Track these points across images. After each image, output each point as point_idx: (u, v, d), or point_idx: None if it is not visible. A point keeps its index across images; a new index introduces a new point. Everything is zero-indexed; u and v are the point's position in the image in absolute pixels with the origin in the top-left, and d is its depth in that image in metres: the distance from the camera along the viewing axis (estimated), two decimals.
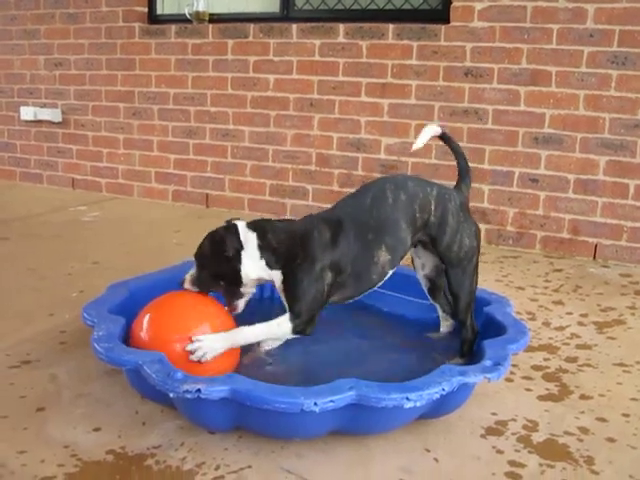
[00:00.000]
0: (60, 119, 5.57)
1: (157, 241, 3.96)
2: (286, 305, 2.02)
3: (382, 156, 4.36)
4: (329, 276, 1.99)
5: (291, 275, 2.00)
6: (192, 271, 2.09)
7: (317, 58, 4.45)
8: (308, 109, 4.54)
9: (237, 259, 2.02)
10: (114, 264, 3.36)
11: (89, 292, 2.64)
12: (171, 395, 1.62)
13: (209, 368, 1.86)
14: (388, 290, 2.71)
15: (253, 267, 2.03)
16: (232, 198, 4.93)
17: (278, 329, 1.98)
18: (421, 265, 2.33)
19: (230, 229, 2.05)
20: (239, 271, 2.03)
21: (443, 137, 2.35)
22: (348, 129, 4.44)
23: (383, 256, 2.06)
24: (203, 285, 2.07)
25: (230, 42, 4.72)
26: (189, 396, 1.59)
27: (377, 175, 4.29)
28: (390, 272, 2.12)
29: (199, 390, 1.58)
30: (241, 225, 2.06)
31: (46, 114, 5.57)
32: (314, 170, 4.60)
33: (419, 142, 2.29)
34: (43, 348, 2.33)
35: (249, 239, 2.03)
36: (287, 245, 2.02)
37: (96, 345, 1.82)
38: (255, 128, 4.76)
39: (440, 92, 4.12)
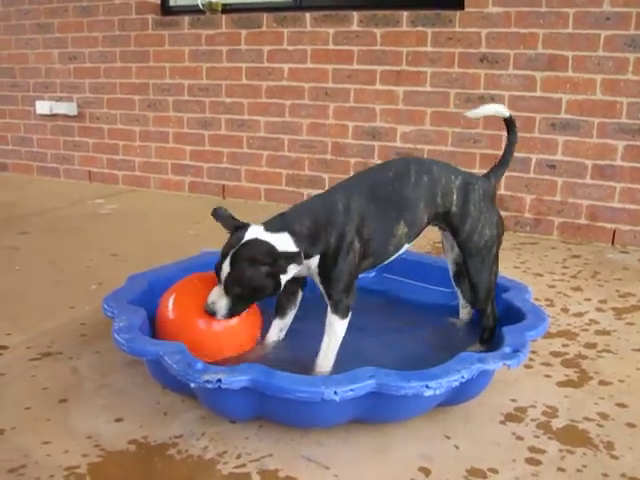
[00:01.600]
0: (76, 112, 5.60)
1: (174, 233, 3.97)
2: (322, 288, 1.98)
3: (398, 144, 4.35)
4: (357, 246, 1.96)
5: (325, 258, 1.93)
6: (215, 298, 1.93)
7: (331, 47, 4.43)
8: (323, 98, 4.54)
9: (286, 273, 1.90)
10: (132, 256, 3.38)
11: (108, 284, 2.66)
12: (192, 385, 1.64)
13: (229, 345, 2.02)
14: (403, 277, 2.74)
15: (292, 271, 1.90)
16: (248, 188, 4.94)
17: (336, 329, 1.94)
18: (450, 247, 2.31)
19: (263, 246, 1.87)
20: (280, 283, 1.91)
21: (509, 121, 2.30)
22: (363, 117, 4.43)
23: (401, 230, 2.06)
24: (236, 309, 1.94)
25: (244, 32, 4.71)
26: (210, 386, 1.60)
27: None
28: (406, 245, 2.13)
29: (220, 380, 1.59)
30: (264, 236, 1.89)
31: (62, 108, 5.59)
32: (330, 159, 4.60)
33: (478, 112, 2.31)
34: (64, 340, 2.36)
35: (283, 243, 1.89)
36: (315, 230, 1.92)
37: (117, 336, 1.84)
38: (270, 118, 4.76)
39: (455, 79, 4.10)
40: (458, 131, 4.15)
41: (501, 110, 2.29)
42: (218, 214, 2.03)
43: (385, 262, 2.15)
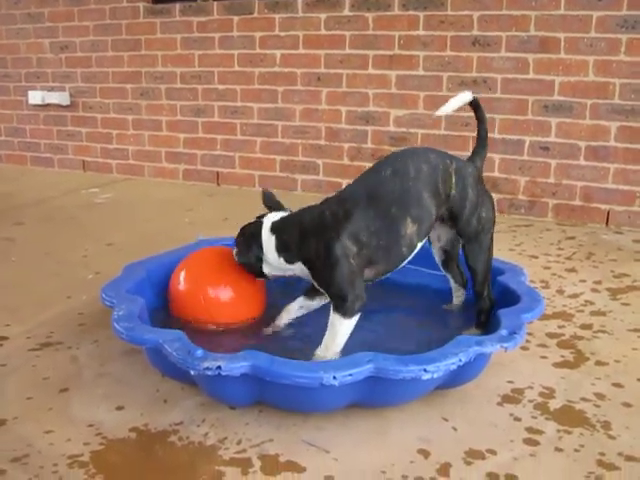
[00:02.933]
0: (68, 102, 5.58)
1: (170, 220, 3.98)
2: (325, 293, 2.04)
3: (391, 128, 4.35)
4: (351, 250, 1.93)
5: (315, 265, 1.98)
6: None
7: (323, 32, 4.42)
8: (316, 83, 4.53)
9: (259, 260, 2.11)
10: (128, 245, 3.38)
11: (105, 274, 2.67)
12: (192, 372, 1.65)
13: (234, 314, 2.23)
14: None
15: (273, 267, 2.11)
16: (243, 175, 4.94)
17: (337, 329, 1.93)
18: (437, 237, 2.30)
19: (253, 236, 2.11)
20: (261, 269, 2.14)
21: (473, 104, 2.30)
22: (356, 102, 4.43)
23: (410, 228, 1.98)
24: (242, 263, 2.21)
25: (235, 19, 4.70)
26: (210, 373, 1.61)
27: (387, 147, 4.30)
28: (419, 244, 2.06)
29: (219, 367, 1.60)
30: (266, 227, 2.09)
31: (54, 98, 5.58)
32: (324, 144, 4.60)
33: (447, 108, 2.26)
34: (63, 330, 2.36)
35: (269, 242, 2.07)
36: (302, 237, 2.00)
37: (116, 325, 1.85)
38: (263, 104, 4.76)
39: (448, 62, 4.10)
40: (451, 115, 4.14)
41: (465, 97, 2.27)
42: (266, 196, 2.28)
43: (401, 264, 2.08)
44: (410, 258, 2.07)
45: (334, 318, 1.93)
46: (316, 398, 1.70)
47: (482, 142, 2.29)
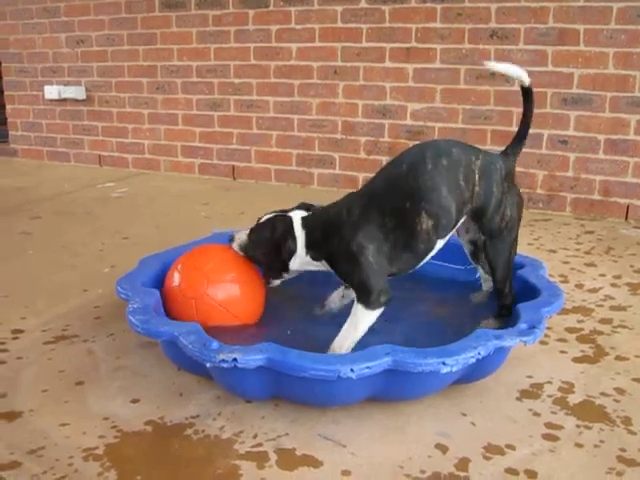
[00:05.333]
0: (84, 97, 5.59)
1: (185, 214, 3.97)
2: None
3: (408, 122, 4.32)
4: (371, 248, 1.92)
5: (336, 262, 2.02)
6: (244, 236, 2.16)
7: (339, 25, 4.40)
8: (332, 77, 4.51)
9: (290, 256, 2.06)
10: (144, 239, 3.38)
11: (120, 267, 2.67)
12: (207, 365, 1.63)
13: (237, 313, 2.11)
14: None
15: (300, 262, 2.08)
16: (259, 169, 4.93)
17: (359, 318, 1.92)
18: (465, 230, 2.26)
19: (287, 230, 2.05)
20: (287, 265, 2.08)
21: (527, 90, 2.21)
22: (373, 96, 4.41)
23: (425, 223, 1.94)
24: (249, 257, 2.17)
25: (251, 12, 4.68)
26: (225, 365, 1.60)
27: (404, 141, 4.28)
28: (440, 241, 2.02)
29: (235, 359, 1.59)
30: (297, 222, 2.07)
31: (70, 92, 5.58)
32: (340, 138, 4.58)
33: (499, 66, 2.20)
34: (78, 323, 2.36)
35: (300, 239, 2.05)
36: (326, 233, 2.01)
37: (131, 318, 1.84)
38: (279, 98, 4.74)
39: (466, 55, 4.07)
40: (469, 108, 4.12)
41: (523, 76, 2.17)
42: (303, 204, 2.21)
43: (421, 263, 2.06)
44: (433, 254, 2.05)
45: (357, 308, 1.93)
46: (333, 391, 1.68)
47: (520, 137, 2.20)
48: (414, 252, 1.99)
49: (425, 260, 2.05)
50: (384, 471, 1.52)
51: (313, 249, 2.04)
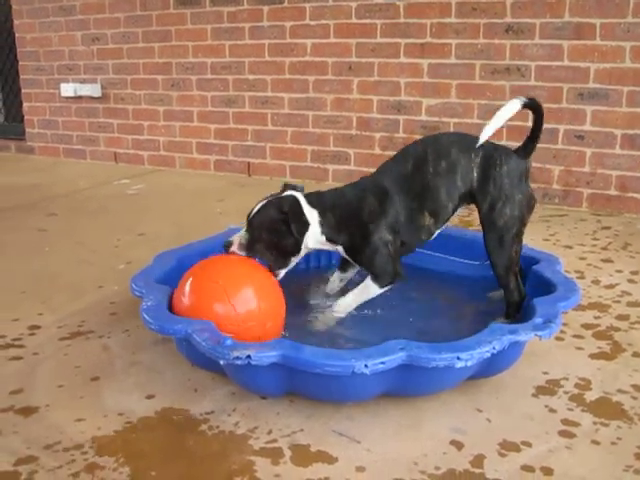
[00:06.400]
0: (100, 94, 5.61)
1: (201, 211, 3.98)
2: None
3: (423, 117, 4.30)
4: (389, 237, 2.11)
5: (354, 247, 2.13)
6: (241, 235, 2.09)
7: (354, 20, 4.39)
8: (347, 73, 4.50)
9: (302, 235, 2.07)
10: (159, 235, 3.39)
11: (136, 263, 2.67)
12: (221, 362, 1.63)
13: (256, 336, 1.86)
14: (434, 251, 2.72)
15: (313, 242, 2.12)
16: (274, 165, 4.93)
17: (370, 292, 2.14)
18: None
19: (294, 208, 2.06)
20: (299, 246, 2.09)
21: (527, 106, 2.16)
22: (388, 91, 4.39)
23: (427, 220, 2.15)
24: (254, 252, 2.08)
25: (265, 8, 4.68)
26: (239, 362, 1.60)
27: (419, 137, 4.19)
28: (437, 232, 2.22)
29: (249, 356, 1.59)
30: (303, 202, 2.10)
31: (86, 90, 5.61)
32: (355, 134, 4.57)
33: (490, 129, 2.13)
34: (94, 319, 2.37)
35: (312, 217, 2.09)
36: (344, 219, 2.11)
37: (145, 315, 1.84)
38: (294, 94, 4.73)
39: (481, 50, 4.04)
40: (484, 103, 4.09)
41: (513, 107, 2.14)
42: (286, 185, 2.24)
43: (421, 247, 2.29)
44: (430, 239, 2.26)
45: (369, 284, 2.13)
46: (347, 387, 1.68)
47: (533, 137, 2.20)
48: (417, 240, 2.21)
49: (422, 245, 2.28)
50: (399, 467, 1.52)
51: (330, 230, 2.11)
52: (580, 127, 3.88)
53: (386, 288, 2.14)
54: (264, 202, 2.11)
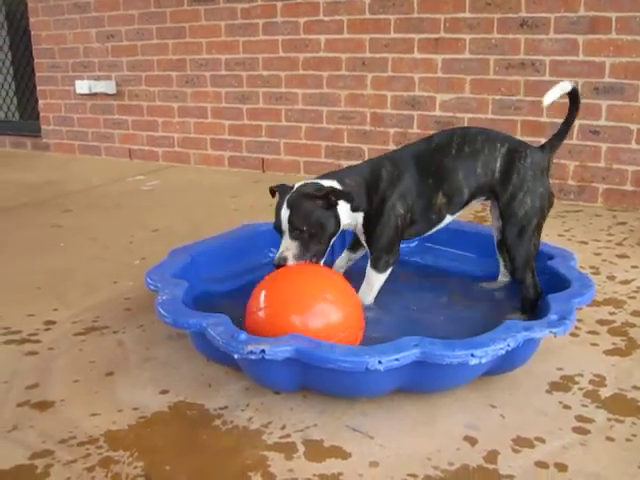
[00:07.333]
0: (114, 91, 5.64)
1: (215, 207, 3.99)
2: (365, 245, 2.25)
3: (437, 113, 4.29)
4: (400, 210, 2.16)
5: (369, 215, 2.17)
6: (286, 245, 2.03)
7: (368, 16, 4.38)
8: (361, 68, 4.49)
9: (334, 208, 2.09)
10: (174, 231, 3.40)
11: (151, 259, 2.68)
12: (235, 356, 1.64)
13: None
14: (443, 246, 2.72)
15: (345, 213, 2.14)
16: (288, 161, 4.94)
17: (373, 280, 2.22)
18: (497, 217, 2.31)
19: (326, 188, 2.07)
20: (338, 218, 2.10)
21: (572, 93, 2.27)
22: (402, 87, 4.38)
23: (439, 200, 2.20)
24: (305, 254, 2.04)
25: (279, 4, 4.68)
26: (253, 357, 1.60)
27: (433, 132, 4.22)
28: (448, 216, 2.26)
29: (263, 351, 1.59)
30: (315, 181, 2.15)
31: (101, 87, 5.64)
32: (369, 130, 4.56)
33: (548, 98, 2.24)
34: (109, 315, 2.39)
35: (331, 184, 2.12)
36: (362, 187, 2.17)
37: (160, 309, 1.85)
38: (308, 90, 4.73)
39: (495, 45, 4.02)
40: (498, 98, 4.08)
41: (566, 86, 2.26)
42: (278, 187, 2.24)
43: (430, 231, 2.30)
44: (440, 227, 2.29)
45: (370, 273, 2.21)
46: (361, 383, 1.68)
47: (560, 134, 2.28)
48: (427, 222, 2.25)
49: (432, 231, 2.30)
50: (412, 463, 1.52)
51: (353, 201, 2.14)
52: (595, 122, 3.85)
53: (387, 272, 2.20)
54: (287, 203, 2.04)
